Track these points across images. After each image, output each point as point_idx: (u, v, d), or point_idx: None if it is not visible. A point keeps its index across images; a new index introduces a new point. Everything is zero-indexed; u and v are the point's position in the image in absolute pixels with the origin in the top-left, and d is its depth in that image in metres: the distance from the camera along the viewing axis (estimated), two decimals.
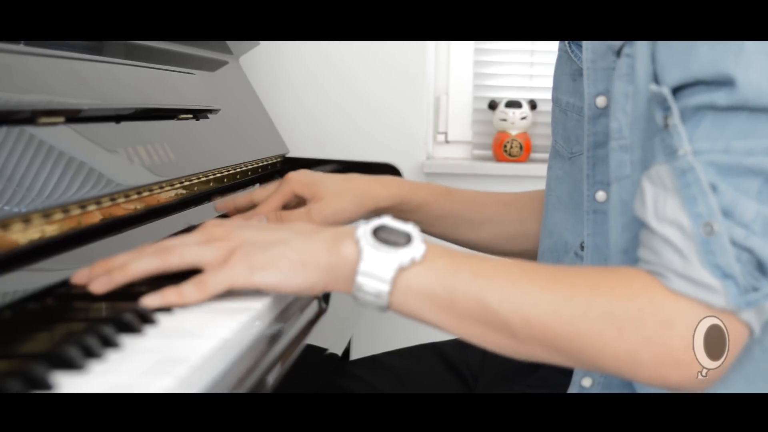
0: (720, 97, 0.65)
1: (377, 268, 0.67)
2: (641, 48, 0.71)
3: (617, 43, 0.74)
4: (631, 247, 0.73)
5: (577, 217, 0.89)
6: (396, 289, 0.67)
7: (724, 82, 0.65)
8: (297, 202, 1.00)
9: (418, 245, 0.68)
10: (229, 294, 0.71)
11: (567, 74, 0.92)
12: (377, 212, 1.00)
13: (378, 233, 0.68)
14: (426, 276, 0.67)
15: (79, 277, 0.70)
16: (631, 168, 0.73)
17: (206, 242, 0.70)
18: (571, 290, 0.66)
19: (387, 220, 0.69)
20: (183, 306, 0.67)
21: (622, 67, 0.73)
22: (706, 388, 0.67)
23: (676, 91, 0.68)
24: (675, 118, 0.67)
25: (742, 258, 0.64)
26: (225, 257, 0.68)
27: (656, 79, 0.70)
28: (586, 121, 0.82)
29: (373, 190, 1.00)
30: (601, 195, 0.82)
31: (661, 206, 0.66)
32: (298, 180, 0.98)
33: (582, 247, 0.88)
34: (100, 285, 0.68)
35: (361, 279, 0.67)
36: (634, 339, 0.64)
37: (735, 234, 0.64)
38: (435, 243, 0.70)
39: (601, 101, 0.80)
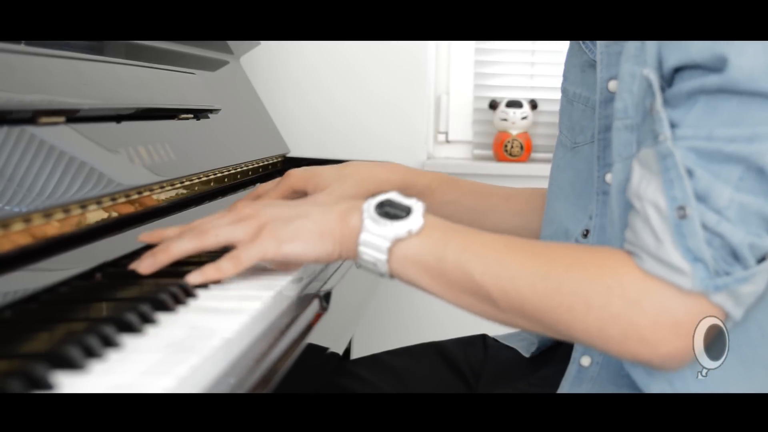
0: (712, 79, 0.66)
1: (375, 238, 0.73)
2: None
3: None
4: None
5: (579, 205, 0.89)
6: (393, 258, 0.73)
7: (718, 67, 0.66)
8: (298, 198, 0.99)
9: (417, 218, 0.73)
10: (229, 295, 0.72)
11: (577, 66, 0.92)
12: None
13: (382, 206, 0.74)
14: (419, 246, 0.72)
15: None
16: (637, 148, 0.74)
17: (237, 221, 0.76)
18: (548, 267, 0.70)
19: (393, 195, 0.74)
20: (222, 280, 0.74)
21: (630, 48, 0.74)
22: (678, 368, 0.69)
23: (677, 72, 0.69)
24: (658, 104, 0.69)
25: (714, 243, 0.65)
26: (255, 233, 0.75)
27: (661, 61, 0.71)
28: (597, 105, 0.84)
29: (375, 175, 1.00)
30: (610, 177, 0.83)
31: (644, 187, 0.68)
32: (297, 176, 0.98)
33: (584, 234, 0.88)
34: (146, 266, 0.74)
35: (361, 248, 0.73)
36: (601, 315, 0.67)
37: (706, 219, 0.65)
38: (437, 218, 0.75)
39: (613, 85, 0.81)
